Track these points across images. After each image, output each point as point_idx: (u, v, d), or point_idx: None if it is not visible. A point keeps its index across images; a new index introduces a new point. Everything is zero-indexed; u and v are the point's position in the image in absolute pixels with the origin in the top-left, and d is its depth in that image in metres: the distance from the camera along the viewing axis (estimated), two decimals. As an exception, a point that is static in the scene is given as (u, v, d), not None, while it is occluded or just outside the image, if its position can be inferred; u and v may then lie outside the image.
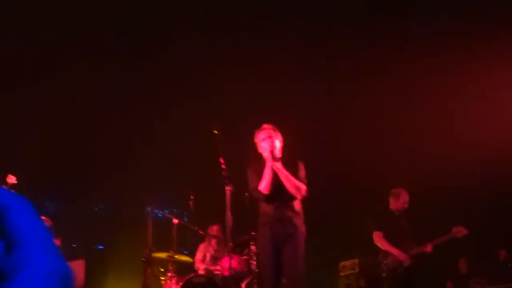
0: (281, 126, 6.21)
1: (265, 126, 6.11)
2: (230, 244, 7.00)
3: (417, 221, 8.17)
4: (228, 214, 6.63)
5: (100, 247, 10.57)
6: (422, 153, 10.16)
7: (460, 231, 7.61)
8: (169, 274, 8.19)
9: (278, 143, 6.02)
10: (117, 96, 10.08)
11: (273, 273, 5.81)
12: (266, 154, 5.97)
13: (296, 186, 5.91)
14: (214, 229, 9.15)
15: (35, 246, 0.40)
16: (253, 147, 6.25)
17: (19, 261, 0.40)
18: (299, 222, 5.95)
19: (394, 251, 7.63)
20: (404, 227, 7.90)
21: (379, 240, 7.80)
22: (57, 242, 6.86)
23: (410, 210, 8.03)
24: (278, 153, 5.96)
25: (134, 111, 10.34)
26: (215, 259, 8.79)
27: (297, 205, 5.99)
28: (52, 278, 0.37)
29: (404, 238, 7.76)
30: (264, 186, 5.82)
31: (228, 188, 6.65)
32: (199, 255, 9.10)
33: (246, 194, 7.61)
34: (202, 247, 9.19)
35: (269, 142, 5.96)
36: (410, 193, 8.05)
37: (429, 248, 7.63)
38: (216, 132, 6.83)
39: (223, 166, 6.68)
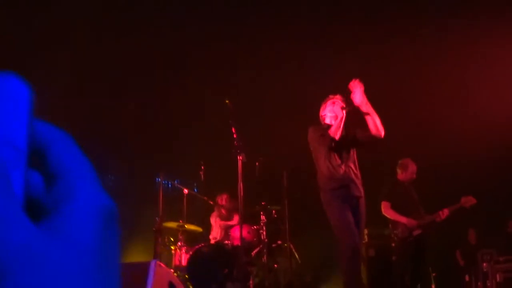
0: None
1: (338, 95, 5.99)
2: (242, 214, 7.04)
3: (426, 192, 8.18)
4: (240, 184, 6.66)
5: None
6: (432, 124, 10.17)
7: (469, 201, 7.63)
8: (179, 244, 8.31)
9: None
10: (130, 67, 10.04)
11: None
12: (333, 113, 5.92)
13: (380, 123, 5.84)
14: (223, 198, 9.19)
15: (80, 180, 0.40)
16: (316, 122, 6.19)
17: (61, 195, 0.41)
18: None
19: (403, 219, 7.67)
20: (413, 198, 7.93)
21: (387, 211, 7.84)
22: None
23: (418, 180, 8.04)
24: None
25: (148, 82, 10.34)
26: (225, 228, 8.86)
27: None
28: (97, 212, 0.38)
29: (413, 208, 7.79)
30: (334, 130, 5.71)
31: (240, 157, 6.70)
32: (213, 219, 9.20)
33: (256, 163, 8.06)
34: (213, 217, 9.25)
35: (339, 105, 5.88)
36: (418, 163, 8.07)
37: (444, 214, 7.65)
38: (227, 102, 6.80)
39: (234, 136, 6.73)
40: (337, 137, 5.65)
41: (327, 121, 5.99)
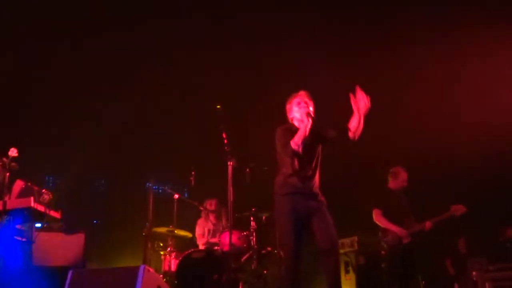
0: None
1: (301, 92, 5.91)
2: (231, 220, 7.06)
3: (417, 200, 8.25)
4: (230, 189, 6.69)
5: (98, 221, 10.61)
6: (422, 131, 10.18)
7: (459, 209, 7.72)
8: (169, 249, 8.36)
9: (311, 109, 5.80)
10: (124, 70, 10.11)
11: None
12: (299, 117, 5.77)
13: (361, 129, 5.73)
14: (212, 204, 9.18)
15: None
16: (282, 115, 6.07)
17: None
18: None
19: (393, 228, 7.76)
20: (403, 205, 8.03)
21: (378, 218, 7.92)
22: (57, 215, 6.95)
23: (409, 188, 8.12)
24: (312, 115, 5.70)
25: (139, 86, 10.38)
26: (214, 234, 8.85)
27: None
28: None
29: (403, 216, 7.90)
30: (297, 141, 5.51)
31: (230, 163, 6.73)
32: (199, 230, 9.14)
33: (247, 170, 7.99)
34: (200, 223, 9.24)
35: (305, 105, 5.78)
36: (410, 171, 8.13)
37: (428, 225, 7.76)
38: (218, 107, 6.84)
39: (225, 142, 6.76)
40: (300, 149, 5.51)
41: (293, 114, 5.91)
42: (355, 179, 10.32)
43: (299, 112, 5.77)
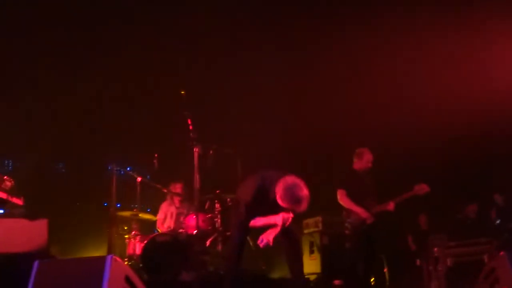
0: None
1: (304, 206, 5.25)
2: (197, 204, 7.23)
3: (381, 180, 8.29)
4: (196, 176, 6.76)
5: (63, 206, 10.41)
6: (387, 112, 10.26)
7: (422, 189, 7.77)
8: (133, 233, 8.31)
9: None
10: (84, 50, 9.98)
11: None
12: (278, 218, 5.35)
13: None
14: (177, 187, 9.12)
15: None
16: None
17: None
18: None
19: (357, 209, 7.79)
20: (367, 186, 8.05)
21: (342, 198, 7.93)
22: (19, 201, 6.85)
23: (373, 168, 8.15)
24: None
25: (103, 66, 10.13)
26: (178, 217, 8.77)
27: None
28: None
29: (367, 197, 7.93)
30: (258, 224, 5.39)
31: (196, 149, 6.73)
32: (160, 215, 9.08)
33: (210, 152, 7.90)
34: (164, 207, 9.17)
35: (289, 218, 5.36)
36: (373, 151, 8.17)
37: (391, 206, 7.80)
38: (183, 93, 6.80)
39: (190, 128, 6.73)
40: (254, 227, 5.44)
41: (281, 203, 5.25)
42: (320, 158, 10.34)
43: (281, 218, 5.34)
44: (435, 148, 10.28)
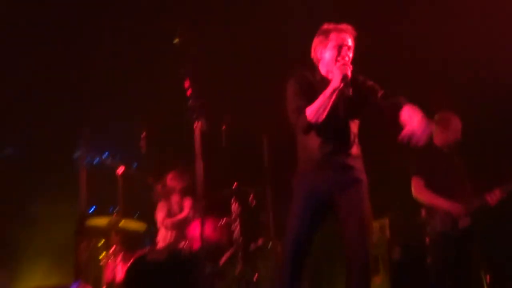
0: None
1: (344, 27, 4.52)
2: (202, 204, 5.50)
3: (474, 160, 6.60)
4: (199, 160, 5.06)
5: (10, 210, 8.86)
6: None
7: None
8: (113, 249, 6.75)
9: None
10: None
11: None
12: (331, 68, 4.48)
13: None
14: (175, 178, 7.90)
15: None
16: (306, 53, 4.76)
17: None
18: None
19: (444, 204, 6.10)
20: (457, 170, 6.34)
21: (420, 191, 6.24)
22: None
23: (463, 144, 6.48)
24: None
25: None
26: (181, 224, 7.48)
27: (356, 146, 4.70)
28: None
29: (459, 186, 6.20)
30: (315, 110, 4.31)
31: (197, 123, 5.08)
32: (160, 217, 7.73)
33: (223, 127, 7.21)
34: (161, 207, 7.80)
35: (344, 58, 4.38)
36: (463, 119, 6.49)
37: (494, 198, 6.02)
38: (177, 41, 5.31)
39: (189, 93, 5.10)
40: (320, 120, 4.35)
41: (322, 70, 4.63)
42: (385, 136, 8.51)
43: (334, 67, 4.39)
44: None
